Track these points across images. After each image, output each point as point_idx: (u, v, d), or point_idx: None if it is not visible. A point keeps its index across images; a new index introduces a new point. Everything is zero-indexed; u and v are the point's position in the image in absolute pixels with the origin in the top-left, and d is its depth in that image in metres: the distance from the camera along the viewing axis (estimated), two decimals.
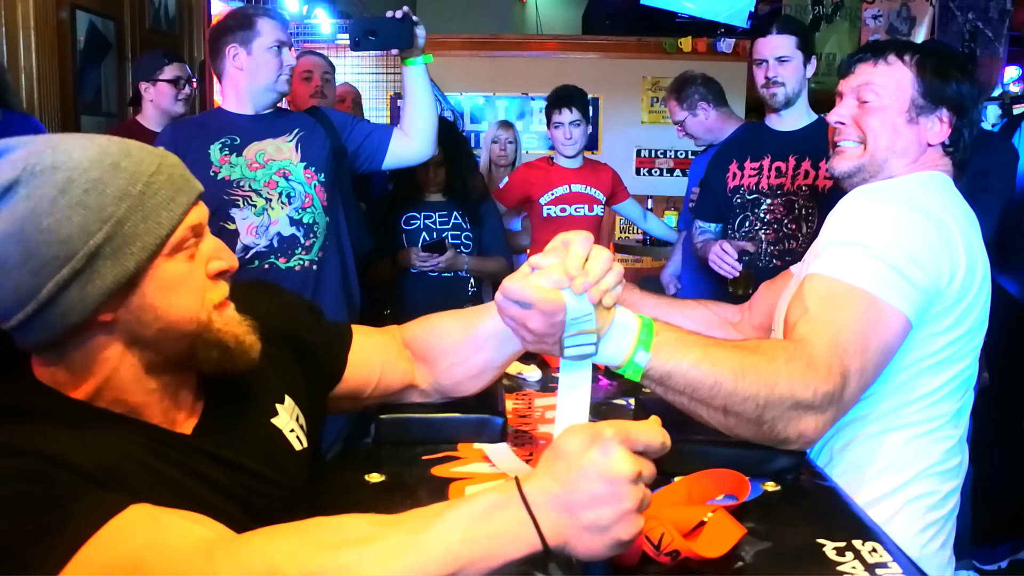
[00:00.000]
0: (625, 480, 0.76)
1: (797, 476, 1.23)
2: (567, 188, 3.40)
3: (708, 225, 2.79)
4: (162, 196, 0.89)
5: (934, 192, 1.37)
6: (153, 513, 0.78)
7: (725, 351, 1.12)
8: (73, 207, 0.83)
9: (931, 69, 1.41)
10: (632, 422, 0.81)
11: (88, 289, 0.84)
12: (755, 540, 1.04)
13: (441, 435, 1.32)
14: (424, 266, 2.90)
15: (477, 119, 6.30)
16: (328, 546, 0.75)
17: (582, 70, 6.14)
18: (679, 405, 1.14)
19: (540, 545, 0.76)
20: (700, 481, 1.14)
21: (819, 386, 1.12)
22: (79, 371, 0.89)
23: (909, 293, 1.23)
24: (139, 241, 0.86)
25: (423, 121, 2.51)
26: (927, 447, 1.36)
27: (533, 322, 1.01)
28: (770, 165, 2.56)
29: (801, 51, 2.50)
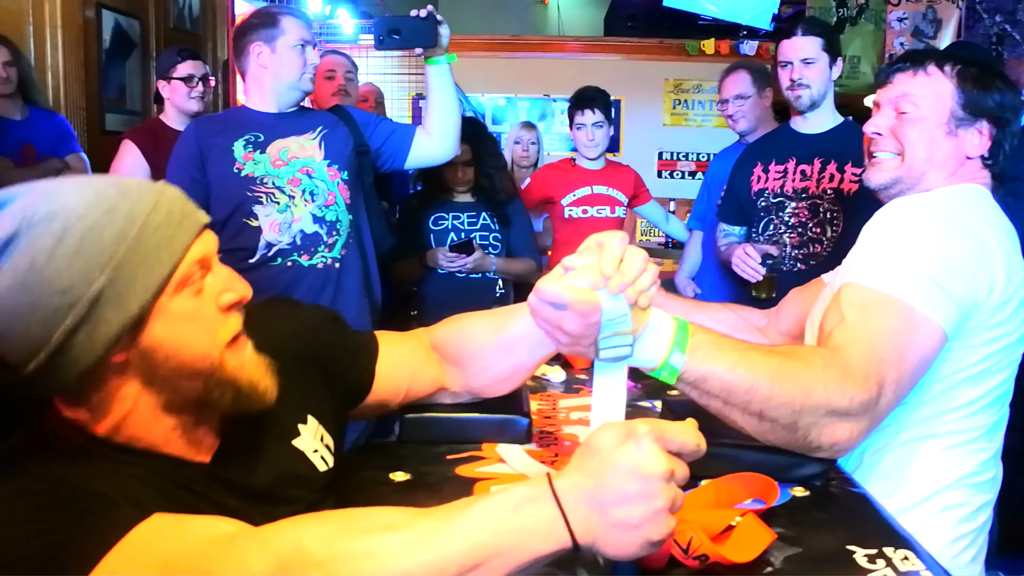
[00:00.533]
0: (658, 478, 0.75)
1: (827, 482, 1.21)
2: (589, 189, 3.39)
3: (732, 228, 2.77)
4: (161, 235, 0.87)
5: (973, 206, 1.35)
6: (177, 518, 0.79)
7: (761, 355, 1.11)
8: (72, 256, 0.83)
9: (972, 80, 1.38)
10: (667, 421, 0.80)
11: (95, 335, 0.84)
12: (784, 545, 1.02)
13: (465, 435, 1.32)
14: (451, 267, 2.89)
15: (498, 120, 6.30)
16: (357, 531, 0.75)
17: (604, 72, 6.12)
18: (713, 409, 1.12)
19: (569, 542, 0.75)
20: (728, 484, 1.12)
21: (856, 395, 1.11)
22: (98, 411, 0.89)
23: (947, 306, 1.22)
24: (140, 283, 0.85)
25: (446, 121, 2.50)
26: (961, 458, 1.34)
27: (569, 324, 0.99)
28: (795, 168, 2.54)
29: (827, 52, 2.47)
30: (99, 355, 0.85)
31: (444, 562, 0.73)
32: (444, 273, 2.93)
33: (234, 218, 2.28)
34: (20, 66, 3.22)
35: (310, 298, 2.27)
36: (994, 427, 1.37)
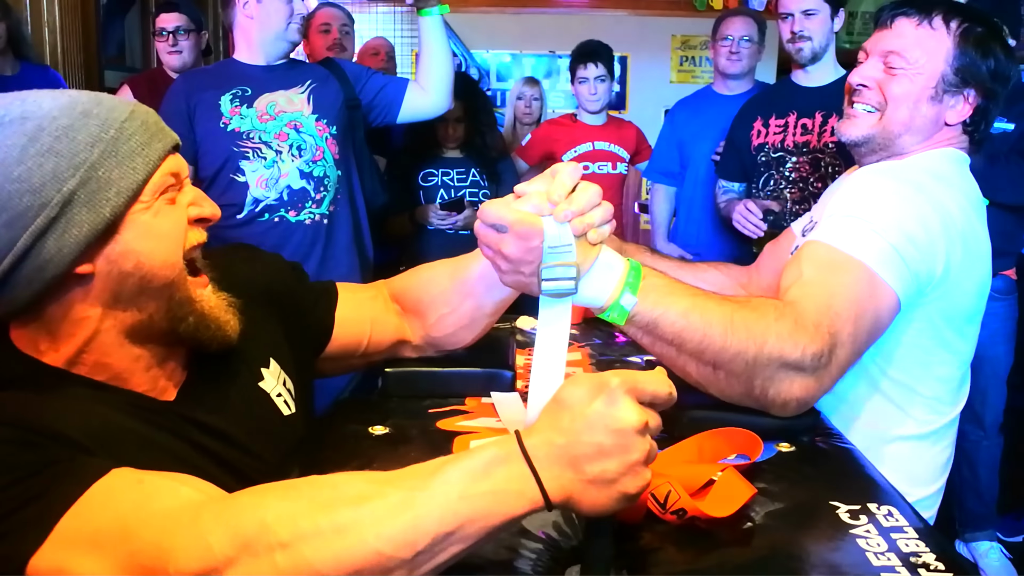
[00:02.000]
0: (632, 431, 0.73)
1: (813, 437, 1.19)
2: (590, 145, 3.34)
3: (732, 184, 2.73)
4: (136, 142, 0.86)
5: (944, 178, 1.33)
6: (137, 476, 0.76)
7: (715, 303, 1.08)
8: (44, 155, 0.81)
9: (974, 42, 1.33)
10: (638, 371, 0.77)
11: (64, 238, 0.82)
12: (766, 501, 1.01)
13: (449, 389, 1.30)
14: (442, 224, 2.88)
15: (503, 77, 6.21)
16: (322, 505, 0.71)
17: (610, 28, 6.01)
18: (666, 358, 1.09)
19: (542, 501, 0.73)
20: (711, 440, 1.10)
21: (807, 345, 1.08)
22: (58, 333, 0.87)
23: (904, 274, 1.21)
24: (114, 187, 0.84)
25: (439, 73, 2.46)
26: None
27: (508, 247, 0.96)
28: (796, 122, 2.49)
29: (828, 3, 2.41)
30: (67, 262, 0.83)
31: (416, 534, 0.70)
32: (434, 229, 2.92)
33: (222, 174, 2.26)
34: (10, 21, 3.17)
35: (300, 254, 2.27)
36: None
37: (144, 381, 0.92)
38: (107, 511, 0.72)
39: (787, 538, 0.94)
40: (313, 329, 1.19)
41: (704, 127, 3.08)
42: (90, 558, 0.71)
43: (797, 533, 0.95)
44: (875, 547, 0.90)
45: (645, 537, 0.93)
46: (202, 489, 0.77)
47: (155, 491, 0.75)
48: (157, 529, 0.71)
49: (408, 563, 0.70)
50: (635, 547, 0.92)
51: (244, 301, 0.99)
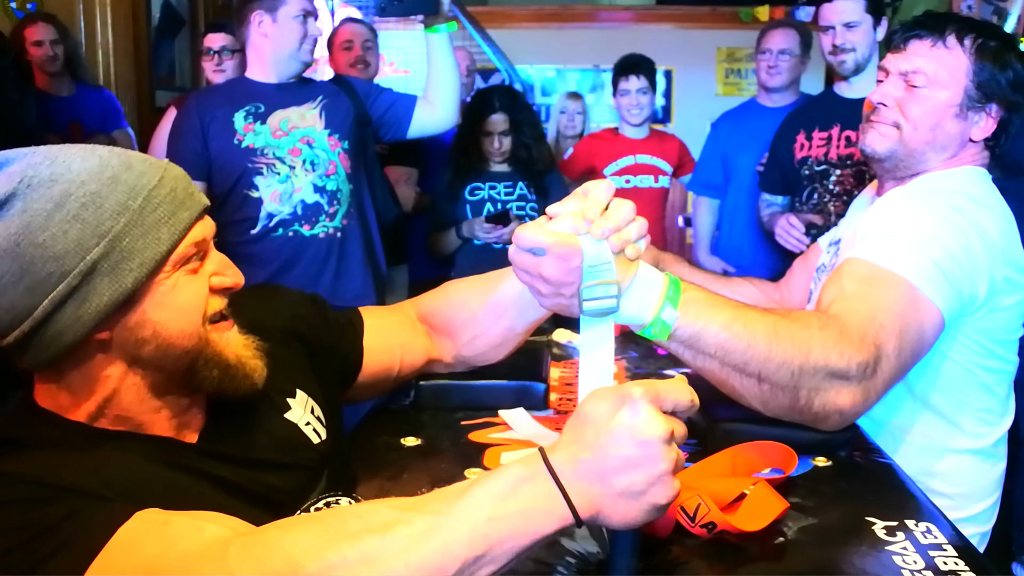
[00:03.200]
0: (658, 441, 0.72)
1: (851, 452, 1.17)
2: (632, 159, 3.32)
3: (775, 198, 2.69)
4: (163, 211, 0.85)
5: (978, 198, 1.31)
6: (162, 517, 0.75)
7: (757, 314, 1.06)
8: (69, 222, 0.80)
9: (991, 56, 1.31)
10: (659, 380, 0.76)
11: (84, 307, 0.81)
12: (799, 515, 0.99)
13: (482, 401, 1.31)
14: (488, 237, 2.88)
15: (548, 92, 6.23)
16: (349, 536, 0.70)
17: (655, 41, 5.99)
18: (708, 373, 1.07)
19: (571, 518, 0.72)
20: (745, 453, 1.09)
21: (853, 355, 1.06)
22: (79, 391, 0.86)
23: (947, 291, 1.19)
24: (137, 258, 0.83)
25: (446, 89, 2.49)
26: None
27: (548, 269, 0.94)
28: (839, 134, 2.45)
29: (871, 14, 2.37)
30: (85, 331, 0.82)
31: (445, 560, 0.69)
32: (480, 244, 2.91)
33: (236, 190, 2.30)
34: (67, 44, 3.28)
35: (314, 268, 2.31)
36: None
37: (167, 428, 0.91)
38: (133, 556, 0.71)
39: (820, 554, 0.92)
40: (342, 362, 1.18)
41: (748, 139, 3.04)
42: None
43: (830, 549, 0.93)
44: (912, 564, 0.88)
45: (674, 551, 0.92)
46: (228, 525, 0.76)
47: (181, 532, 0.73)
48: (184, 571, 0.70)
49: None
50: (663, 560, 0.91)
51: (267, 340, 0.98)
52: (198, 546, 0.72)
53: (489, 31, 5.46)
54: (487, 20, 5.63)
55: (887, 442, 1.32)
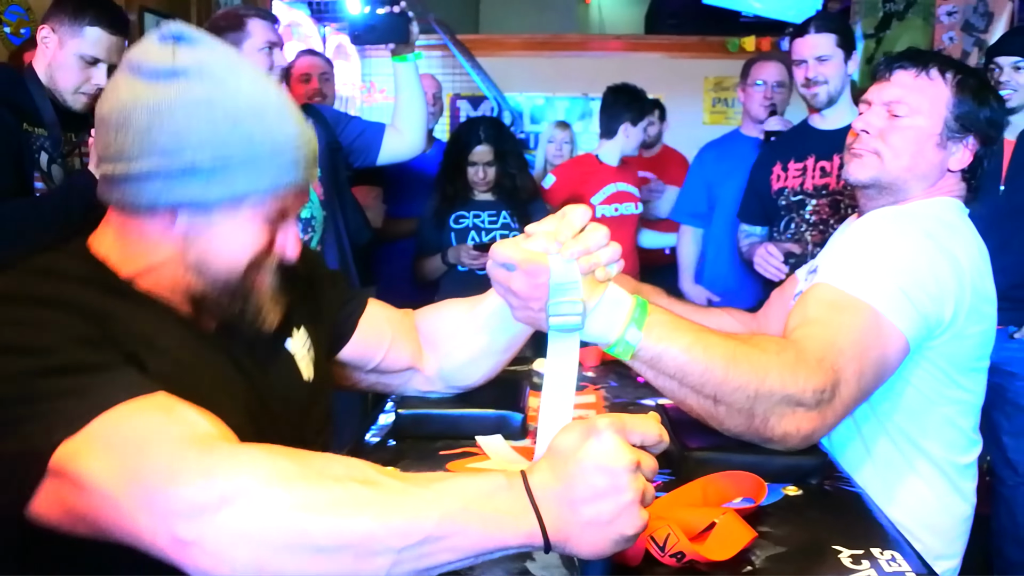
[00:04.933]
0: (623, 471, 0.75)
1: (822, 481, 1.19)
2: (614, 187, 3.35)
3: (754, 228, 2.73)
4: (277, 164, 0.93)
5: (951, 225, 1.35)
6: (171, 403, 0.79)
7: (718, 339, 1.10)
8: (206, 122, 0.88)
9: (970, 91, 1.37)
10: (627, 415, 0.79)
11: (168, 190, 0.89)
12: (768, 544, 1.01)
13: (460, 431, 1.32)
14: (473, 264, 2.91)
15: (537, 120, 6.29)
16: (331, 476, 0.73)
17: (644, 70, 6.05)
18: (668, 392, 1.12)
19: (540, 536, 0.74)
20: (716, 482, 1.11)
21: (808, 380, 1.09)
22: (130, 249, 0.93)
23: (912, 316, 1.22)
24: (232, 184, 0.90)
25: (414, 117, 2.57)
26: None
27: (516, 283, 1.01)
28: (814, 165, 2.50)
29: (841, 48, 2.43)
30: (161, 205, 0.90)
31: (411, 526, 0.71)
32: (465, 270, 2.95)
33: None
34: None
35: None
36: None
37: (191, 311, 0.97)
38: (132, 422, 0.75)
39: None
40: (337, 327, 1.23)
41: (732, 169, 3.08)
42: (102, 459, 0.73)
43: None
44: None
45: None
46: (223, 432, 0.79)
47: (181, 418, 0.77)
48: (169, 450, 0.73)
49: (395, 553, 0.71)
50: None
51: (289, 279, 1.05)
52: (191, 435, 0.75)
53: (479, 58, 5.52)
54: (477, 48, 5.69)
55: (851, 463, 1.35)
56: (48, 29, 2.14)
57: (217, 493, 0.69)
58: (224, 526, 0.69)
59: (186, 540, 0.69)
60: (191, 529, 0.69)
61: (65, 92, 2.14)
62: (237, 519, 0.69)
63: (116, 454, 0.73)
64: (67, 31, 2.12)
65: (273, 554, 0.69)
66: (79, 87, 2.14)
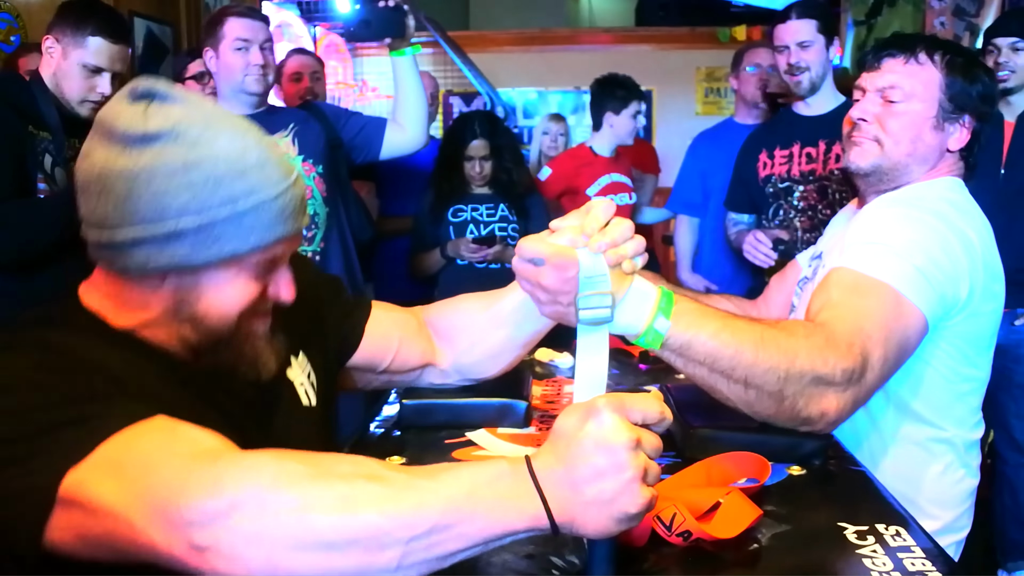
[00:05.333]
0: (623, 447, 0.75)
1: (826, 460, 1.20)
2: (609, 178, 3.36)
3: (741, 216, 2.74)
4: (264, 220, 0.91)
5: (959, 206, 1.36)
6: (172, 424, 0.80)
7: (745, 323, 1.11)
8: (186, 187, 0.87)
9: (960, 70, 1.38)
10: (626, 394, 0.80)
11: (155, 256, 0.89)
12: (773, 523, 1.02)
13: (464, 420, 1.33)
14: (472, 257, 2.93)
15: (530, 114, 6.30)
16: (337, 475, 0.74)
17: (635, 62, 6.02)
18: (698, 379, 1.12)
19: (546, 519, 0.75)
20: (720, 464, 1.11)
21: (838, 361, 1.10)
22: (123, 306, 0.94)
23: (929, 295, 1.23)
24: (219, 245, 0.89)
25: (414, 111, 2.55)
26: None
27: (547, 278, 1.01)
28: (800, 151, 2.51)
29: (823, 34, 2.44)
30: (150, 271, 0.90)
31: (417, 517, 0.72)
32: (463, 264, 2.96)
33: None
34: None
35: None
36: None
37: (189, 357, 0.98)
38: (135, 446, 0.76)
39: (792, 559, 0.95)
40: (342, 339, 1.23)
41: (725, 158, 3.08)
42: (110, 482, 0.74)
43: (803, 554, 0.96)
44: (881, 567, 0.91)
45: (651, 559, 0.94)
46: (227, 444, 0.80)
47: (184, 437, 0.79)
48: (178, 465, 0.74)
49: (403, 544, 0.72)
50: (640, 568, 0.93)
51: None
52: (195, 451, 0.77)
53: (471, 55, 5.52)
54: (469, 44, 5.69)
55: (859, 440, 1.36)
56: (52, 39, 2.17)
57: (227, 500, 0.71)
58: (237, 529, 0.70)
59: (202, 546, 0.70)
60: (206, 536, 0.70)
61: (72, 101, 2.17)
62: (248, 522, 0.70)
63: (124, 476, 0.74)
64: (70, 41, 2.15)
65: (285, 553, 0.71)
66: (85, 96, 2.16)
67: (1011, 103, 2.65)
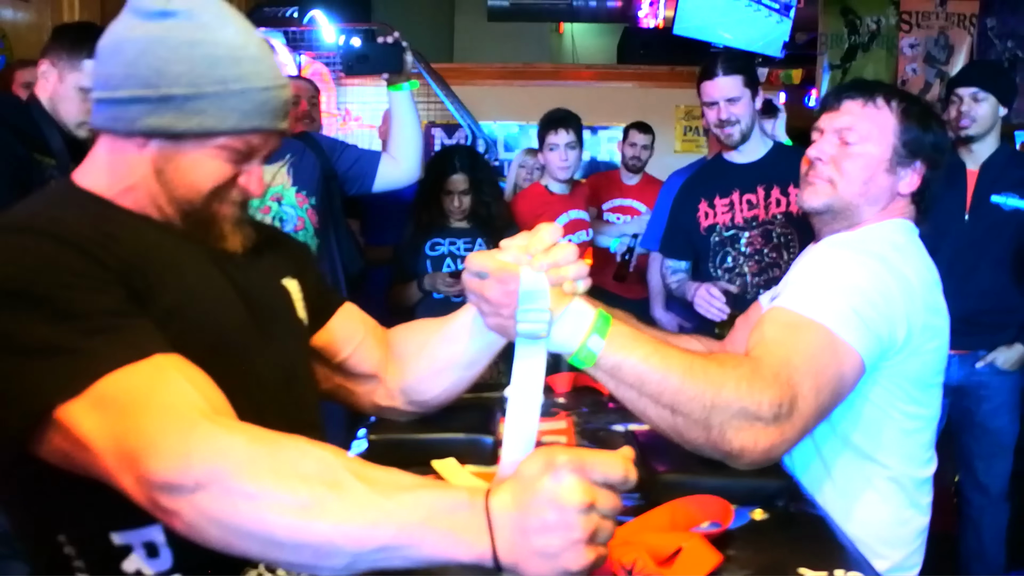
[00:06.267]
0: (574, 510, 0.76)
1: (787, 503, 1.22)
2: (566, 216, 3.32)
3: (679, 263, 2.76)
4: (246, 106, 1.00)
5: (902, 248, 1.39)
6: (165, 363, 0.85)
7: (677, 351, 1.13)
8: (185, 59, 0.96)
9: (915, 118, 1.43)
10: (592, 451, 0.80)
11: (145, 117, 0.97)
12: (734, 568, 1.03)
13: (433, 455, 1.33)
14: (448, 291, 2.93)
15: (511, 147, 6.34)
16: (300, 476, 0.77)
17: (615, 99, 6.17)
18: (628, 402, 1.13)
19: (491, 557, 0.77)
20: (683, 507, 1.13)
21: (765, 395, 1.10)
22: (112, 171, 1.01)
23: (865, 335, 1.25)
24: (201, 117, 0.98)
25: (410, 144, 2.58)
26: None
27: (489, 291, 1.09)
28: (740, 198, 2.55)
29: (748, 88, 2.49)
30: (134, 131, 0.98)
31: (368, 536, 0.76)
32: (440, 297, 2.97)
33: None
34: None
35: None
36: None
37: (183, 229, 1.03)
38: (127, 384, 0.81)
39: None
40: (315, 309, 1.24)
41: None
42: (95, 419, 0.80)
43: None
44: None
45: None
46: (211, 401, 0.84)
47: (171, 384, 0.83)
48: (155, 419, 0.79)
49: (350, 556, 0.76)
50: None
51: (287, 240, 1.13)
52: (178, 405, 0.81)
53: (454, 87, 5.57)
54: (452, 77, 5.74)
55: (812, 481, 1.38)
56: (48, 64, 2.18)
57: (192, 478, 0.76)
58: (198, 506, 0.76)
59: (165, 508, 0.77)
60: (168, 502, 0.77)
61: (69, 124, 2.18)
62: (208, 504, 0.76)
63: (108, 417, 0.80)
64: (66, 65, 2.16)
65: (239, 539, 0.77)
66: (83, 119, 2.16)
67: (973, 151, 2.72)
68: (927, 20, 5.34)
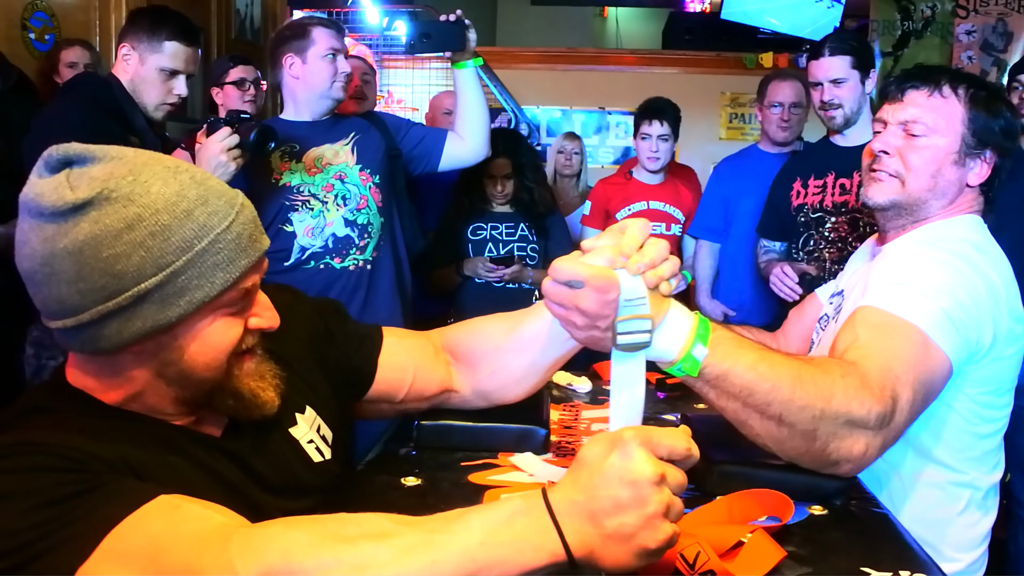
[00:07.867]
0: (647, 482, 0.74)
1: (847, 501, 1.18)
2: (645, 204, 3.31)
3: (772, 244, 2.72)
4: (224, 256, 0.87)
5: (981, 247, 1.34)
6: (176, 501, 0.78)
7: (782, 357, 1.08)
8: (135, 246, 0.82)
9: (983, 105, 1.36)
10: (655, 427, 0.78)
11: (126, 326, 0.85)
12: (795, 564, 1.00)
13: (482, 443, 1.31)
14: (489, 276, 2.91)
15: (554, 132, 6.29)
16: (345, 539, 0.73)
17: (660, 85, 6.05)
18: (729, 412, 1.08)
19: (564, 554, 0.74)
20: (742, 501, 1.10)
21: (873, 406, 1.07)
22: (108, 382, 0.91)
23: (955, 338, 1.21)
24: (188, 295, 0.85)
25: (476, 122, 2.55)
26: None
27: (585, 301, 0.94)
28: (834, 182, 2.48)
29: (858, 70, 2.41)
30: (121, 344, 0.86)
31: (434, 574, 0.72)
32: (481, 282, 2.95)
33: (272, 225, 2.35)
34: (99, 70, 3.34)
35: (343, 299, 2.31)
36: None
37: (189, 422, 0.95)
38: (142, 531, 0.75)
39: None
40: (354, 373, 1.20)
41: (749, 184, 3.07)
42: (120, 574, 0.73)
43: None
44: None
45: None
46: (234, 518, 0.79)
47: (190, 515, 0.77)
48: (187, 550, 0.74)
49: None
50: None
51: (283, 350, 1.01)
52: (203, 530, 0.75)
53: (497, 71, 5.54)
54: (495, 60, 5.71)
55: (875, 479, 1.33)
56: (128, 47, 2.24)
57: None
58: None
59: None
60: None
61: (149, 105, 2.26)
62: None
63: (134, 567, 0.73)
64: (146, 47, 2.23)
65: None
66: (163, 100, 2.26)
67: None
68: (985, 6, 5.19)
